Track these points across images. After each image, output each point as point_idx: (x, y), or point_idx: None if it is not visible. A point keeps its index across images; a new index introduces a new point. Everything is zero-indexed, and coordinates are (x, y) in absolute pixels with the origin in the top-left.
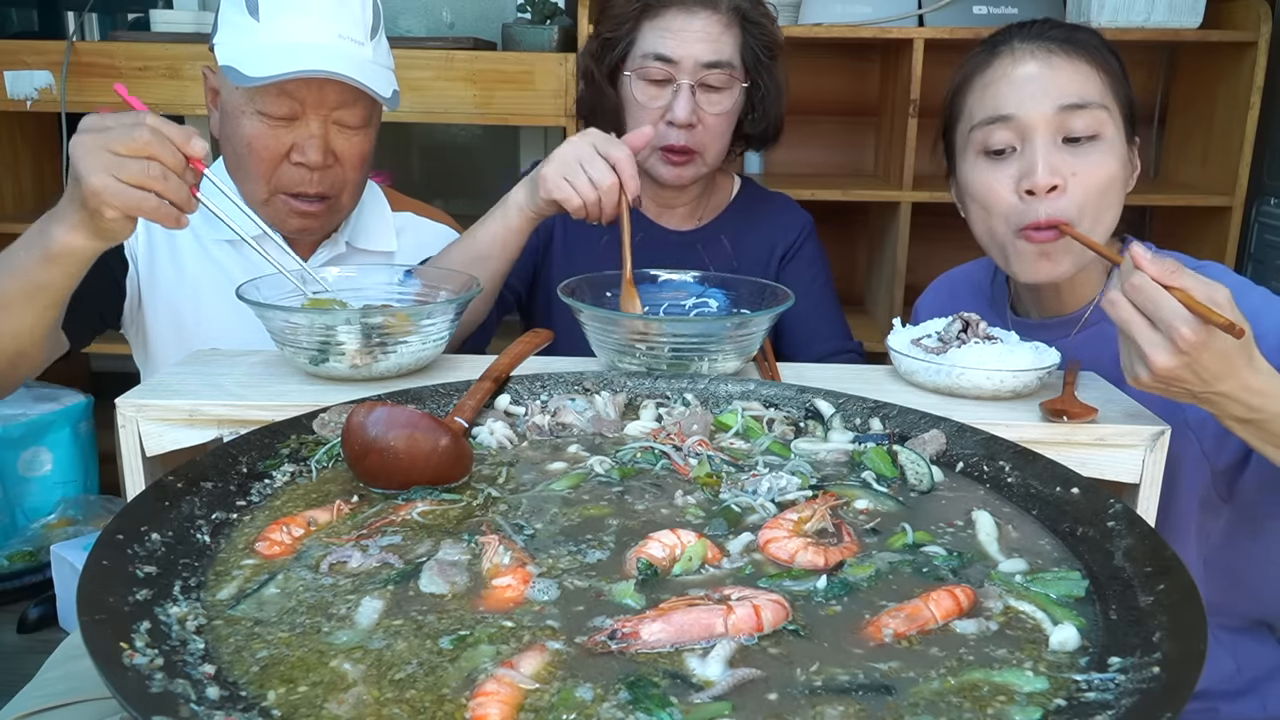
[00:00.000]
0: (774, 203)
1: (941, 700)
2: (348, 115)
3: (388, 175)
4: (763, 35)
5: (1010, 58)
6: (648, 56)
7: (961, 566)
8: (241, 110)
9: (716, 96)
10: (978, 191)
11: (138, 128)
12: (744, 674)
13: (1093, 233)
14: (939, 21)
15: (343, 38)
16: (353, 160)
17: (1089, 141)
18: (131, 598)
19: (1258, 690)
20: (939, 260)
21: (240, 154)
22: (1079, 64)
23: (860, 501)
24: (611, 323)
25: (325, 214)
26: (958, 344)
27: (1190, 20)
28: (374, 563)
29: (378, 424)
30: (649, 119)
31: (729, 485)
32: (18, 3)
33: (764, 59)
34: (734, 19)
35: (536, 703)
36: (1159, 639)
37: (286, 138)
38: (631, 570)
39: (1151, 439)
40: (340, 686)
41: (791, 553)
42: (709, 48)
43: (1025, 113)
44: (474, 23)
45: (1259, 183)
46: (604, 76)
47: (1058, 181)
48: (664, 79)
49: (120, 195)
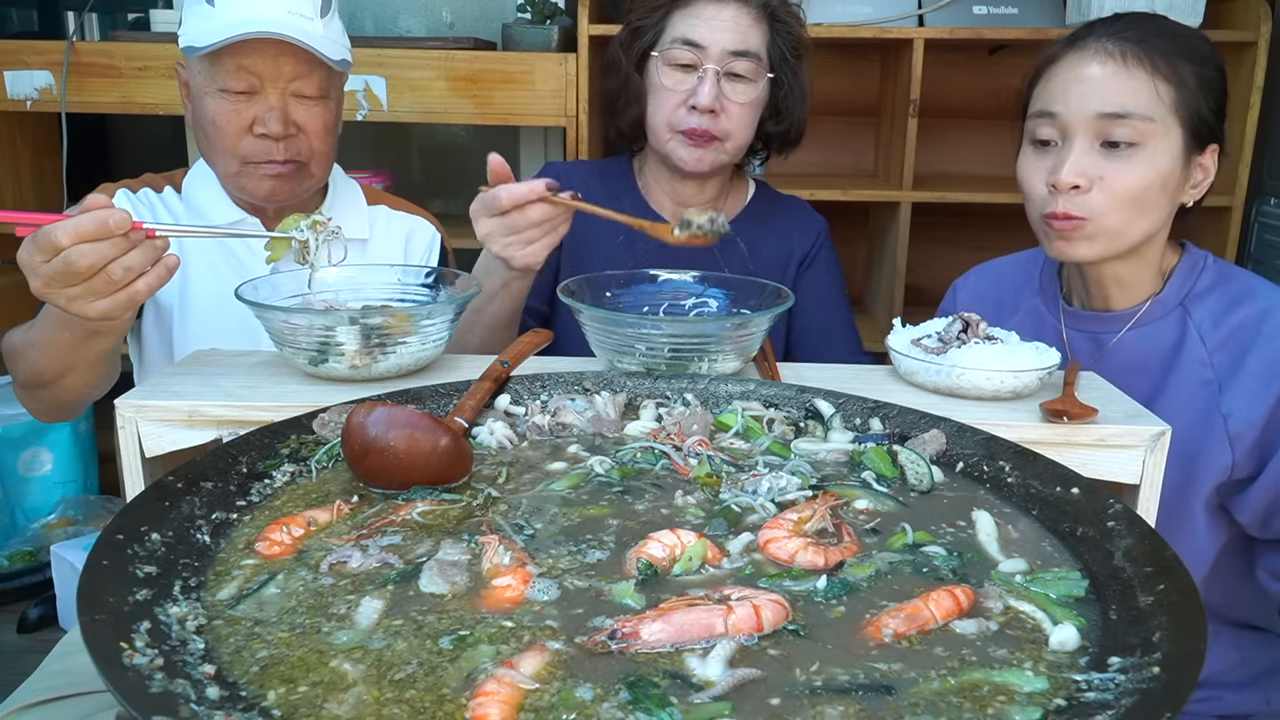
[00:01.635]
0: (790, 206)
1: (941, 700)
2: (305, 86)
3: (387, 175)
4: (790, 34)
5: (1078, 55)
6: (676, 41)
7: (961, 566)
8: (205, 91)
9: (741, 86)
10: (1020, 176)
11: (60, 260)
12: (744, 674)
13: (1123, 235)
14: (939, 21)
15: (292, 12)
16: (316, 129)
17: (1128, 148)
18: (131, 598)
19: (1260, 684)
20: (939, 260)
21: (208, 133)
22: (1137, 72)
23: (860, 501)
24: (611, 323)
25: (294, 176)
26: (958, 344)
27: (1190, 20)
28: (374, 563)
29: (377, 424)
30: (674, 103)
31: (729, 485)
32: (18, 3)
33: (790, 57)
34: (763, 14)
35: (536, 703)
36: (1159, 639)
37: (248, 111)
38: (631, 570)
39: (1152, 439)
40: (340, 686)
41: (791, 553)
42: (737, 37)
43: (1069, 113)
44: (474, 23)
45: (1259, 183)
46: (632, 64)
47: (1080, 182)
48: (691, 63)
49: (114, 308)
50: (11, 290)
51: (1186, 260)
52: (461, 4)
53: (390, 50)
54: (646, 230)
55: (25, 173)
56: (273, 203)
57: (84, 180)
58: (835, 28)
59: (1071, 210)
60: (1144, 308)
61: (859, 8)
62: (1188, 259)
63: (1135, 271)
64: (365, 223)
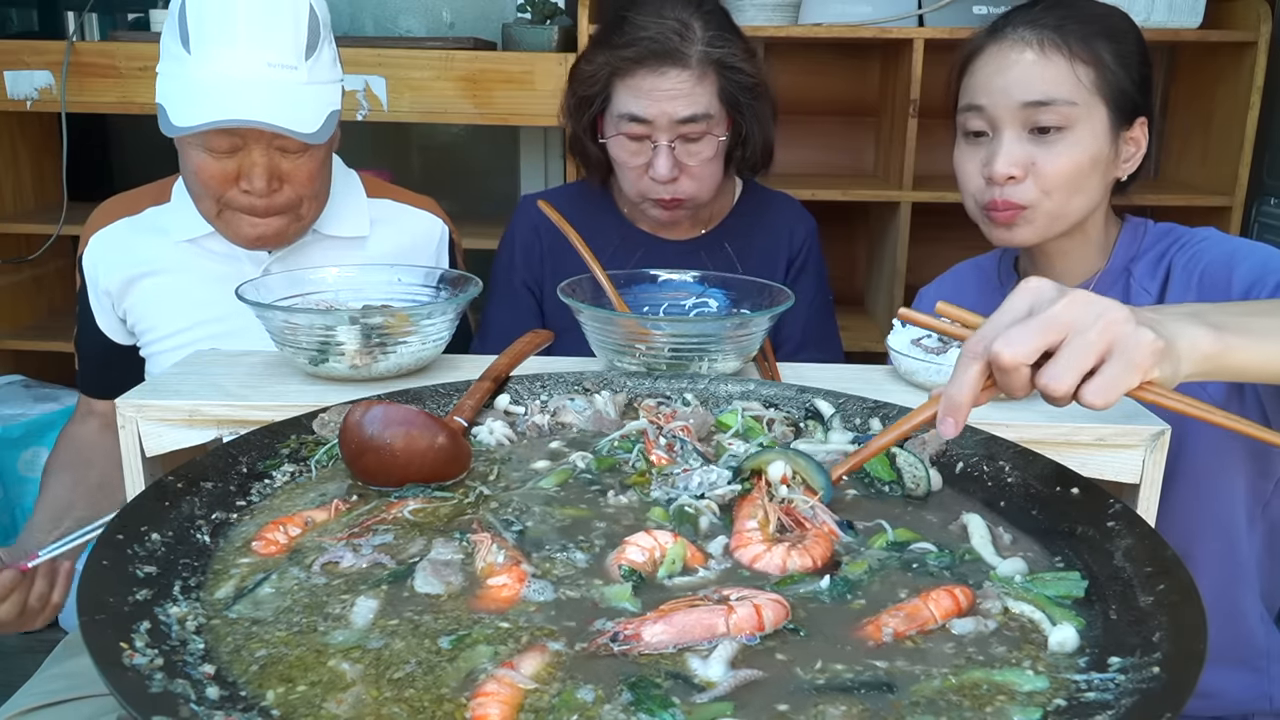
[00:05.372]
0: (777, 205)
1: (941, 699)
2: (287, 142)
3: (387, 175)
4: (741, 78)
5: (998, 46)
6: (623, 118)
7: (955, 563)
8: (187, 142)
9: (696, 146)
10: (956, 168)
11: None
12: (746, 675)
13: (1062, 214)
14: (939, 21)
15: (272, 66)
16: (301, 179)
17: (1056, 133)
18: (131, 598)
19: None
20: (939, 260)
21: (189, 183)
22: (1055, 58)
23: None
24: (611, 323)
25: (281, 224)
26: (958, 344)
27: (1190, 20)
28: (365, 562)
29: (374, 422)
30: (635, 175)
31: (659, 483)
32: (18, 3)
33: (744, 98)
34: (707, 69)
35: (537, 703)
36: (1159, 639)
37: (231, 166)
38: (615, 576)
39: (1151, 439)
40: (339, 686)
41: (780, 564)
42: (683, 104)
43: (995, 104)
44: (474, 23)
45: (1259, 182)
46: (584, 133)
47: (1015, 173)
48: (642, 135)
49: (43, 623)
50: (11, 290)
51: (1128, 229)
52: (461, 4)
53: (390, 50)
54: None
55: (25, 173)
56: (260, 249)
57: (84, 180)
58: (835, 28)
59: (1010, 199)
60: (1093, 281)
61: (859, 8)
62: (1128, 228)
63: (1079, 247)
64: (363, 220)
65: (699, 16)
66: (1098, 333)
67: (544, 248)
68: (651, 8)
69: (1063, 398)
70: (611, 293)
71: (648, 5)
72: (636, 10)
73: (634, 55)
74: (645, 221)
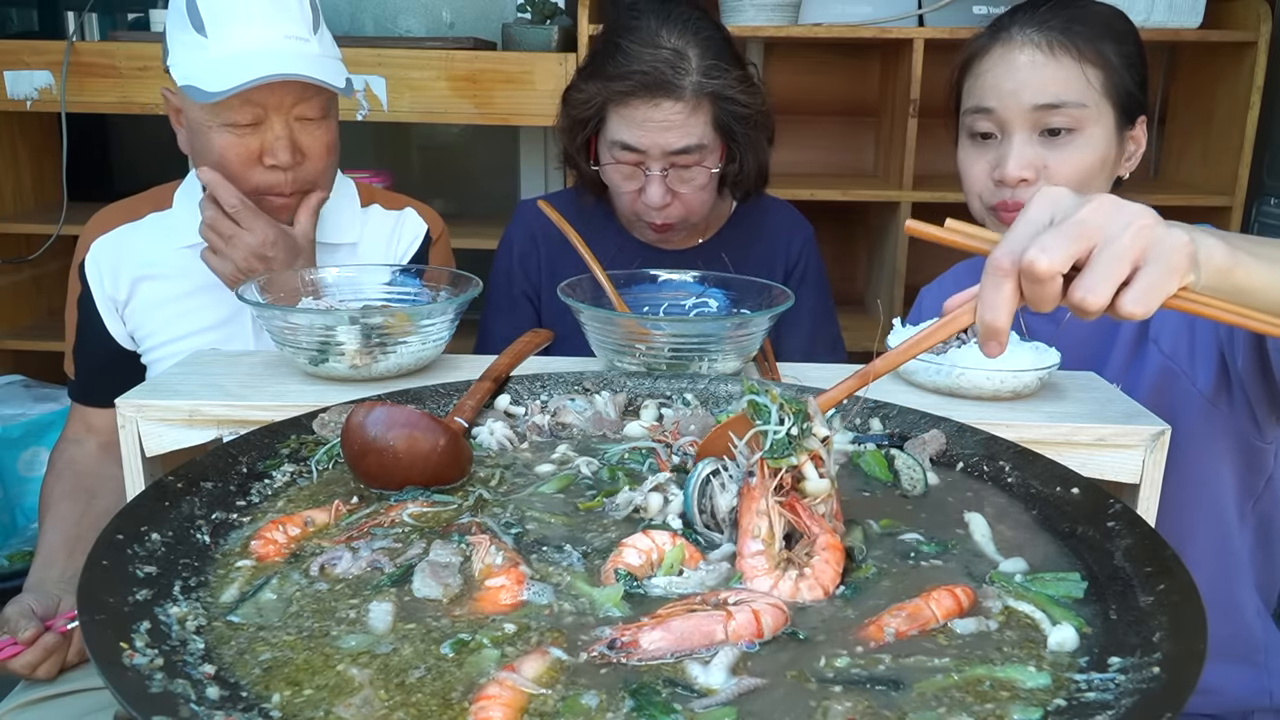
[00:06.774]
0: (774, 213)
1: (945, 695)
2: (308, 109)
3: (387, 175)
4: (736, 108)
5: (1005, 47)
6: (615, 145)
7: (946, 551)
8: (207, 126)
9: (689, 174)
10: (961, 170)
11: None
12: (748, 684)
13: None
14: (939, 21)
15: (289, 38)
16: (319, 151)
17: (1067, 134)
18: (131, 598)
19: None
20: (939, 260)
21: (215, 167)
22: (1065, 60)
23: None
24: (611, 323)
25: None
26: (958, 344)
27: (1190, 20)
28: (364, 565)
29: (377, 424)
30: (629, 199)
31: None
32: (18, 3)
33: (738, 126)
34: (701, 99)
35: (541, 708)
36: (1159, 639)
37: (255, 143)
38: (610, 580)
39: (1151, 439)
40: (347, 690)
41: (791, 593)
42: (676, 135)
43: (1004, 107)
44: (474, 23)
45: (1259, 182)
46: (579, 154)
47: (1028, 175)
48: (635, 163)
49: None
50: (11, 290)
51: None
52: (461, 4)
53: (390, 50)
54: None
55: (25, 173)
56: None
57: (84, 180)
58: (835, 28)
59: (1021, 200)
60: None
61: (859, 8)
62: None
63: None
64: (356, 226)
65: (695, 44)
66: (1131, 238)
67: (542, 256)
68: (646, 35)
69: (1098, 310)
70: (611, 293)
71: (642, 32)
72: (630, 37)
73: (627, 88)
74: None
